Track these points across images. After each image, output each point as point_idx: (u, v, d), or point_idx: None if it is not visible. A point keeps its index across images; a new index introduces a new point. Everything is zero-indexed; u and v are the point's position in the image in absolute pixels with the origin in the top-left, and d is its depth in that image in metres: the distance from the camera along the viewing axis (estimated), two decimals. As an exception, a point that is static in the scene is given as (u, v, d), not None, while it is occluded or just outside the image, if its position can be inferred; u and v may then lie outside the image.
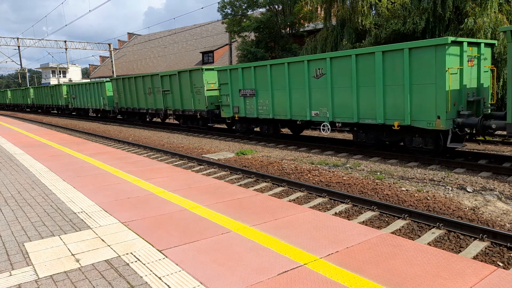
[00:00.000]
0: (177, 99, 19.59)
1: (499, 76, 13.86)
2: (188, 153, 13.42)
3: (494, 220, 6.24)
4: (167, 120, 24.51)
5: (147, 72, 28.13)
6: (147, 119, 24.65)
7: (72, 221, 4.83)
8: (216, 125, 19.64)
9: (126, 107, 24.75)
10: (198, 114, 18.31)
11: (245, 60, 27.03)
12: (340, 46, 18.80)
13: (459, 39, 9.52)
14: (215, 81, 17.55)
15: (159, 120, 24.43)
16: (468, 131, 9.92)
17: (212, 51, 42.83)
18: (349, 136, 15.38)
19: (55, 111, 40.50)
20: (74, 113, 35.64)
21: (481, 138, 12.47)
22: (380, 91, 10.52)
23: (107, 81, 27.24)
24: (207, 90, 17.62)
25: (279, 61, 13.86)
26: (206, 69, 17.75)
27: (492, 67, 10.64)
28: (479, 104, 10.07)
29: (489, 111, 10.17)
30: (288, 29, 29.08)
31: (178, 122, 21.83)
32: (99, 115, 31.44)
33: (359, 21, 17.52)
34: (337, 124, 11.98)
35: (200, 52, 44.32)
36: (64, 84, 35.85)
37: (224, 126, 19.66)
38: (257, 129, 16.24)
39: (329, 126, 12.14)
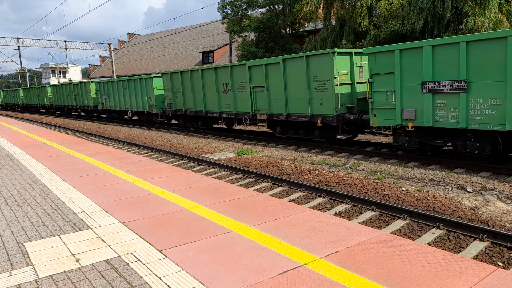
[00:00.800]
0: (278, 99, 13.82)
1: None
2: (188, 153, 13.42)
3: (494, 220, 6.24)
4: (250, 128, 19.03)
5: (221, 64, 20.53)
6: (219, 125, 19.25)
7: (72, 221, 4.83)
8: (344, 136, 13.12)
9: (184, 110, 19.12)
10: (318, 121, 12.40)
11: (245, 60, 26.97)
12: (339, 46, 18.83)
13: None
14: (347, 71, 12.12)
15: (235, 126, 18.21)
16: None
17: (212, 51, 42.84)
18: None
19: (77, 113, 35.16)
20: (104, 116, 29.78)
21: None
22: None
23: (155, 76, 21.76)
24: (339, 84, 11.80)
25: None
26: (339, 53, 11.90)
27: None
28: None
29: None
30: (288, 29, 29.10)
31: (270, 131, 15.68)
32: (133, 118, 25.76)
33: (358, 21, 17.56)
34: None
35: (200, 52, 44.33)
36: (92, 81, 30.71)
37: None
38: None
39: None
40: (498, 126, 8.50)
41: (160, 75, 21.41)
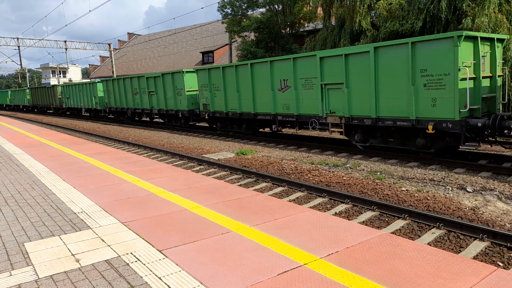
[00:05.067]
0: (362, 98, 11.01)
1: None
2: (188, 153, 13.42)
3: (494, 220, 6.24)
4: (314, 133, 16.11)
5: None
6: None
7: (72, 221, 4.83)
8: (473, 148, 10.04)
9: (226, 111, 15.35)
10: (429, 127, 9.54)
11: (245, 60, 26.99)
12: (338, 46, 18.84)
13: None
14: (471, 62, 9.37)
15: None
16: None
17: (212, 51, 42.84)
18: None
19: (86, 114, 32.44)
20: (112, 117, 27.93)
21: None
22: None
23: (187, 72, 18.37)
24: (468, 79, 8.98)
25: None
26: (466, 37, 9.09)
27: None
28: None
29: None
30: (288, 29, 29.09)
31: (345, 138, 12.87)
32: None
33: (357, 21, 17.58)
34: None
35: (200, 52, 44.33)
36: (98, 81, 27.87)
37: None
38: None
39: None
40: None
41: (193, 70, 18.55)
